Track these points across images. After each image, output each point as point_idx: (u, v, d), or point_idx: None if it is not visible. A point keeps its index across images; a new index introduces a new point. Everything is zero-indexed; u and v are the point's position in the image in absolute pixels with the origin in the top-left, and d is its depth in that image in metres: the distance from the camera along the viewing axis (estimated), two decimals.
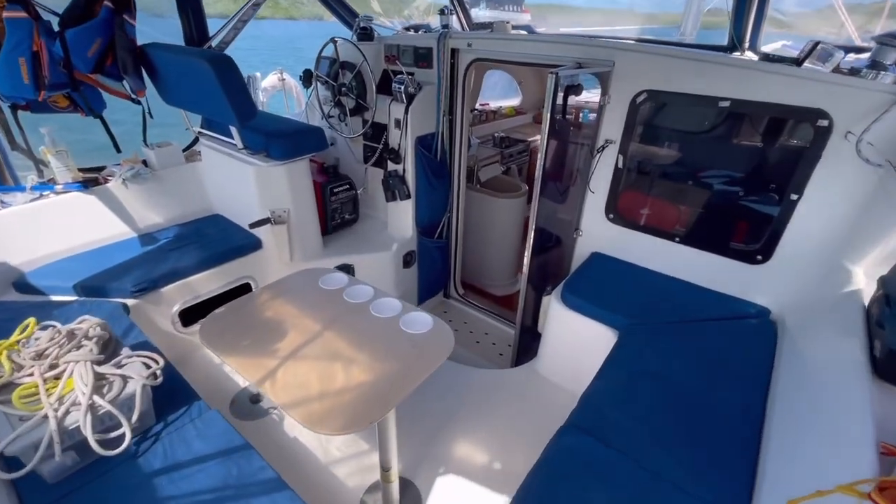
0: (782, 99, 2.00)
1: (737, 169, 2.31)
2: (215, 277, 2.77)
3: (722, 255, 2.38)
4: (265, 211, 2.80)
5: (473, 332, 3.67)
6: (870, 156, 1.79)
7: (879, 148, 1.78)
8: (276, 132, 2.69)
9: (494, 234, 4.21)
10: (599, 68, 2.36)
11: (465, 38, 2.90)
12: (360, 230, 3.50)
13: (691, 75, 2.19)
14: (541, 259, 2.87)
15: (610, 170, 2.59)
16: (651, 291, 2.47)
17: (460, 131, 3.28)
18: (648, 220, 2.61)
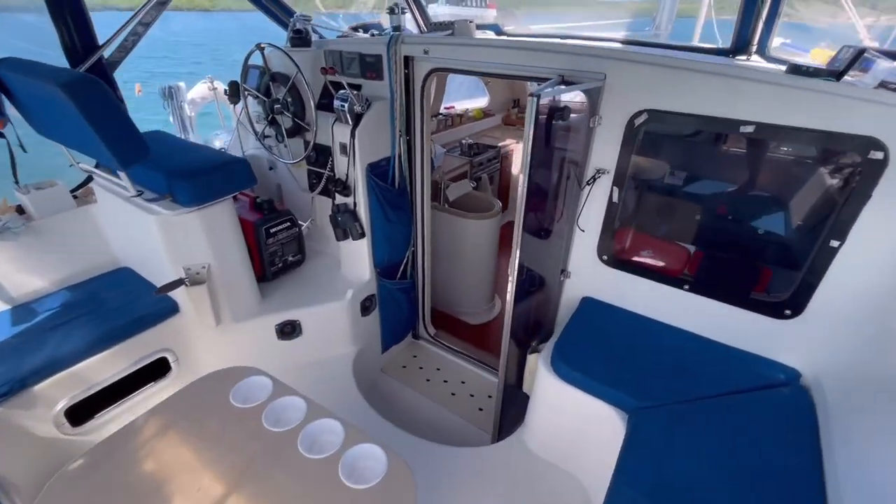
0: (823, 124, 1.58)
1: (760, 207, 1.90)
2: (117, 358, 2.17)
3: (741, 307, 1.97)
4: (177, 268, 2.21)
5: (448, 382, 3.18)
6: None
7: None
8: (182, 170, 2.10)
9: (467, 257, 3.73)
10: (587, 83, 1.88)
11: (421, 44, 2.37)
12: (308, 273, 2.94)
13: (704, 92, 1.74)
14: (522, 306, 2.40)
15: (603, 204, 2.14)
16: (659, 352, 2.04)
17: (421, 153, 2.75)
18: (651, 263, 2.17)
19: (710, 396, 1.82)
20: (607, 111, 1.96)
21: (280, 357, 2.68)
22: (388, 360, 3.32)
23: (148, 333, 2.26)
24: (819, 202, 1.73)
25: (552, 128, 2.05)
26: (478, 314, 4.00)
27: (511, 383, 2.52)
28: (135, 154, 1.80)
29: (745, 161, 1.86)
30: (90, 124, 1.64)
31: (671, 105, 1.81)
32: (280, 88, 2.67)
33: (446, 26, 2.64)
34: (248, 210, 2.69)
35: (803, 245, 1.78)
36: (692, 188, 2.01)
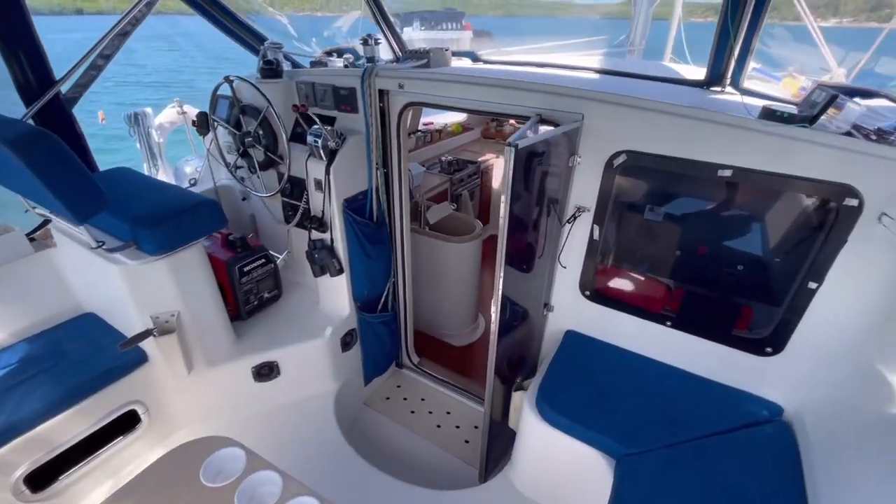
0: (798, 170, 1.59)
1: (740, 248, 1.90)
2: (82, 416, 2.05)
3: (723, 343, 1.98)
4: (144, 317, 2.10)
5: (433, 413, 3.13)
6: None
7: None
8: (147, 216, 1.99)
9: (449, 280, 3.69)
10: (566, 125, 1.86)
11: (396, 77, 2.32)
12: (286, 308, 2.84)
13: (681, 134, 1.74)
14: (506, 340, 2.36)
15: (584, 241, 2.12)
16: (643, 390, 2.03)
17: (399, 185, 2.69)
18: (633, 299, 2.16)
19: (695, 438, 1.81)
20: (586, 150, 1.94)
21: (257, 400, 2.59)
22: (372, 393, 3.25)
23: (115, 386, 2.15)
24: (797, 244, 1.74)
25: (532, 167, 2.02)
26: (462, 336, 3.95)
27: (496, 419, 2.48)
28: (92, 208, 1.70)
29: (724, 201, 1.86)
30: (41, 181, 1.54)
31: (650, 147, 1.80)
32: (251, 121, 2.58)
33: (421, 55, 2.58)
34: (219, 248, 2.59)
35: (782, 285, 1.79)
36: (672, 227, 2.00)
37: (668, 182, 1.94)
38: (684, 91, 2.16)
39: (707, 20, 2.48)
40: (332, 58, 3.17)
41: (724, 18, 1.98)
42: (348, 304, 2.75)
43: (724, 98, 2.06)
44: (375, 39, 2.52)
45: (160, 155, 3.95)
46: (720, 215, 1.90)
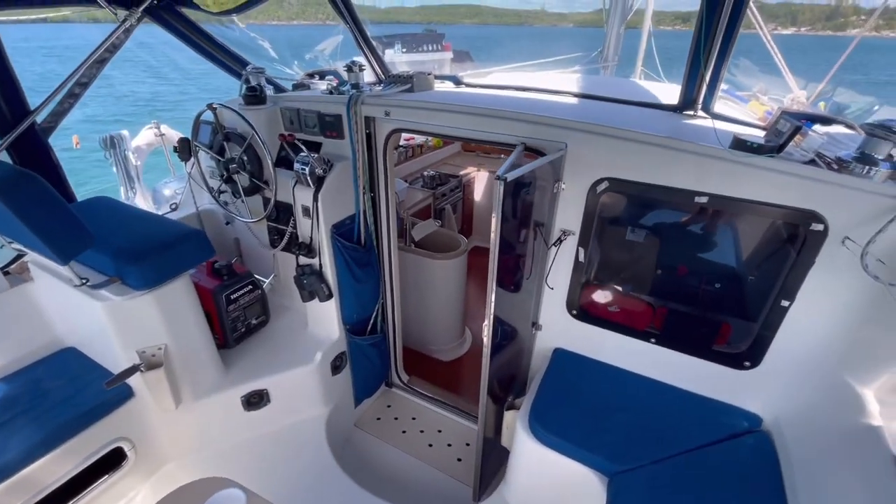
0: (768, 197, 1.69)
1: (718, 268, 2.00)
2: (66, 457, 1.99)
3: (704, 358, 2.07)
4: (129, 353, 2.06)
5: (425, 432, 3.14)
6: (879, 273, 1.51)
7: (890, 266, 1.51)
8: (132, 250, 1.96)
9: (436, 296, 3.72)
10: (551, 154, 1.93)
11: (382, 105, 2.35)
12: (274, 334, 2.82)
13: (659, 163, 1.82)
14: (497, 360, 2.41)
15: (569, 263, 2.19)
16: (632, 406, 2.10)
17: (386, 208, 2.72)
18: (618, 317, 2.24)
19: (683, 452, 1.89)
20: (570, 177, 2.01)
21: (247, 429, 2.55)
22: (362, 414, 3.24)
23: (100, 424, 2.09)
24: (770, 265, 1.84)
25: (519, 194, 2.08)
26: (449, 350, 3.99)
27: (489, 436, 2.51)
28: (77, 247, 1.67)
29: (702, 225, 1.96)
30: (26, 224, 1.51)
31: (630, 174, 1.88)
32: (235, 147, 2.57)
33: (405, 80, 2.63)
34: (205, 276, 2.56)
35: (758, 303, 1.89)
36: (653, 249, 2.09)
37: (648, 207, 2.03)
38: (660, 116, 2.27)
39: (675, 28, 2.59)
40: (315, 80, 3.19)
41: (695, 48, 2.09)
42: (337, 328, 2.75)
43: (697, 124, 2.17)
44: (360, 66, 2.56)
45: (137, 178, 3.87)
46: (699, 238, 2.00)
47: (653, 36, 5.68)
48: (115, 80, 26.82)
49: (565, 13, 63.47)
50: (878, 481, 1.38)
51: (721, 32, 1.96)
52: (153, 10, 2.60)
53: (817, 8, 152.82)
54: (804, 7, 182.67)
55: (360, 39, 3.01)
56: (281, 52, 3.32)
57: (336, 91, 2.57)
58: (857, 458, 1.52)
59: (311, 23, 3.30)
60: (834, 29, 20.10)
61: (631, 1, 5.10)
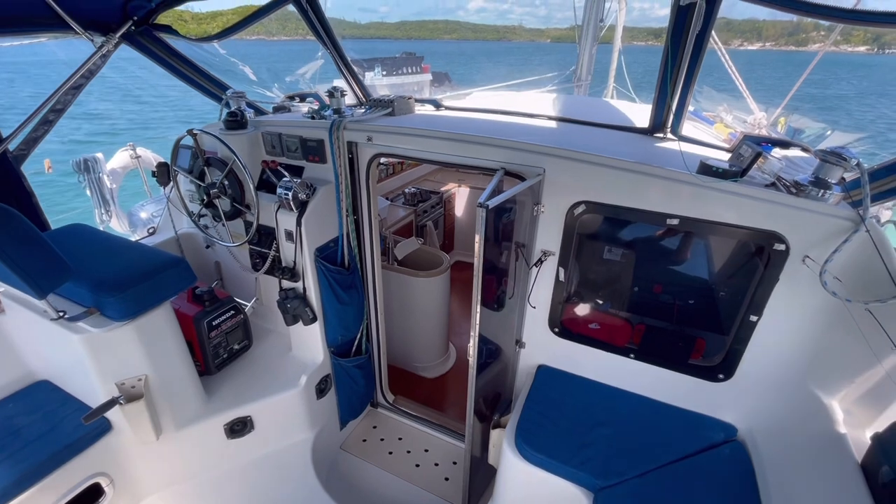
0: (733, 219, 1.79)
1: (690, 286, 2.10)
2: (40, 497, 1.91)
3: (681, 371, 2.15)
4: (108, 384, 2.02)
5: (412, 452, 3.13)
6: (836, 289, 1.62)
7: (846, 283, 1.62)
8: (110, 281, 1.93)
9: (420, 313, 3.74)
10: (531, 179, 2.00)
11: (364, 131, 2.39)
12: (257, 358, 2.79)
13: (631, 187, 1.91)
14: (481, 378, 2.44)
15: (550, 282, 2.25)
16: (614, 420, 2.16)
17: (369, 231, 2.74)
18: (598, 334, 2.31)
19: (664, 465, 1.95)
20: (549, 200, 2.08)
21: (231, 457, 2.51)
22: (348, 436, 3.21)
23: (76, 460, 2.03)
24: (738, 282, 1.94)
25: (500, 217, 2.14)
26: (434, 367, 3.99)
27: (476, 454, 2.53)
28: (55, 281, 1.64)
29: (674, 245, 2.05)
30: (2, 261, 1.48)
31: (605, 198, 1.96)
32: (216, 172, 2.56)
33: (386, 104, 2.68)
34: (185, 302, 2.52)
35: (729, 318, 1.99)
36: (630, 268, 2.18)
37: (624, 228, 2.12)
38: (632, 139, 2.37)
39: (648, 44, 2.72)
40: (295, 102, 3.21)
41: (662, 75, 2.21)
42: (322, 350, 2.74)
43: (666, 147, 2.28)
44: (342, 92, 2.60)
45: (113, 201, 3.79)
46: (672, 256, 2.09)
47: (623, 54, 5.92)
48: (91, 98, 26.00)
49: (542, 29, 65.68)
50: (846, 487, 1.46)
51: (686, 61, 2.08)
52: (131, 35, 2.59)
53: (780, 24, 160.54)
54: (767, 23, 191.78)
55: (340, 63, 3.06)
56: (260, 75, 3.33)
57: (318, 115, 2.60)
58: (824, 464, 1.61)
59: (293, 38, 3.29)
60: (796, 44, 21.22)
61: (602, 22, 5.30)
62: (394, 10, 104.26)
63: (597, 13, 5.17)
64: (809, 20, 1.93)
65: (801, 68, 2.45)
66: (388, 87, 3.19)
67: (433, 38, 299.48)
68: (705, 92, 2.57)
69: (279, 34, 22.91)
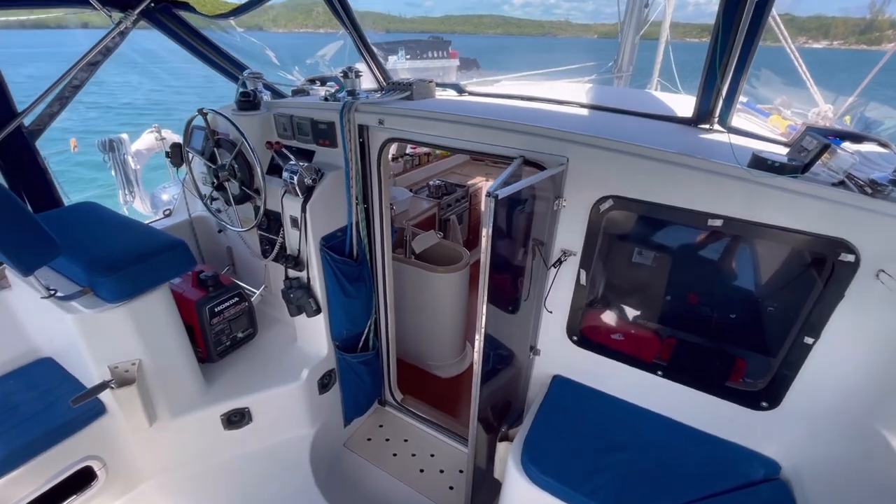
0: (791, 222, 1.51)
1: (733, 298, 1.83)
2: (31, 476, 1.88)
3: (716, 395, 1.88)
4: (101, 367, 1.96)
5: (417, 455, 2.98)
6: None
7: None
8: (106, 262, 1.86)
9: (436, 310, 3.58)
10: (550, 168, 1.78)
11: (376, 113, 2.24)
12: (261, 348, 2.70)
13: (669, 181, 1.66)
14: (491, 385, 2.25)
15: (570, 285, 2.03)
16: (635, 444, 1.92)
17: (380, 220, 2.60)
18: (622, 346, 2.07)
19: (691, 502, 1.70)
20: (571, 194, 1.86)
21: (226, 448, 2.43)
22: (353, 433, 3.10)
23: (69, 442, 1.99)
24: (792, 297, 1.66)
25: (515, 209, 1.94)
26: (448, 367, 3.83)
27: (481, 466, 2.35)
28: (40, 258, 1.58)
29: (717, 250, 1.79)
30: None
31: (637, 193, 1.72)
32: (226, 154, 2.48)
33: (405, 87, 2.52)
34: (190, 286, 2.45)
35: (777, 338, 1.71)
36: (661, 274, 1.92)
37: (657, 229, 1.87)
38: (673, 130, 2.11)
39: (702, 40, 2.43)
40: (315, 86, 3.10)
41: (711, 57, 1.93)
42: (326, 344, 2.63)
43: (712, 138, 2.00)
44: (356, 72, 2.45)
45: (136, 182, 3.83)
46: (712, 263, 1.82)
47: (672, 48, 5.49)
48: None
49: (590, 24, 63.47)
50: None
51: (740, 41, 1.80)
52: (149, 12, 2.54)
53: (850, 21, 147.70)
54: (837, 21, 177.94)
55: (361, 45, 2.92)
56: (283, 59, 3.24)
57: (332, 98, 2.47)
58: None
59: (320, 31, 3.18)
60: (868, 43, 19.13)
61: (647, 10, 4.93)
62: (438, 5, 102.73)
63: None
64: (885, 16, 1.62)
65: (871, 68, 2.10)
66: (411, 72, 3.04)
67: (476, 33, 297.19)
68: (763, 77, 2.25)
69: (306, 26, 22.77)
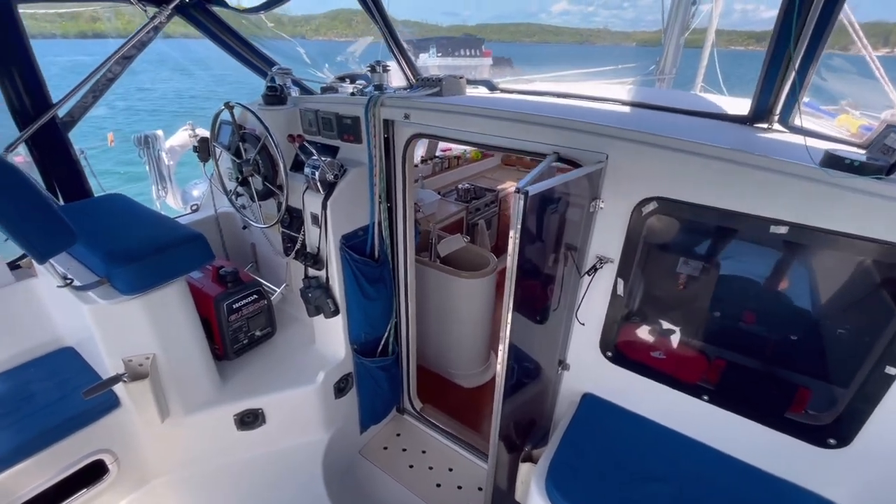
0: (873, 231, 1.30)
1: (795, 317, 1.60)
2: (42, 466, 1.86)
3: (772, 427, 1.65)
4: (115, 360, 1.93)
5: (434, 469, 2.83)
6: None
7: None
8: (123, 252, 1.83)
9: (460, 316, 3.44)
10: (587, 166, 1.62)
11: (402, 108, 2.14)
12: (279, 347, 2.64)
13: (724, 182, 1.47)
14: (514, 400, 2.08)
15: (606, 295, 1.85)
16: (675, 476, 1.71)
17: (403, 221, 2.49)
18: (663, 365, 1.86)
19: None
20: (610, 195, 1.69)
21: (237, 449, 2.37)
22: (369, 441, 2.99)
23: (82, 433, 1.96)
24: (870, 319, 1.43)
25: (547, 210, 1.79)
26: (471, 376, 3.68)
27: (501, 487, 2.18)
28: (55, 245, 1.55)
29: (779, 261, 1.57)
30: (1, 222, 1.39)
31: (686, 194, 1.54)
32: (250, 149, 2.44)
33: (434, 83, 2.41)
34: (210, 282, 2.42)
35: (851, 365, 1.47)
36: (712, 287, 1.71)
37: (708, 236, 1.67)
38: (725, 128, 1.90)
39: (749, 48, 2.20)
40: (345, 84, 3.04)
41: (775, 44, 1.72)
42: (344, 347, 2.53)
43: (773, 137, 1.79)
44: (384, 66, 2.37)
45: (170, 178, 3.89)
46: (771, 277, 1.61)
47: (718, 57, 5.19)
48: None
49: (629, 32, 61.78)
50: None
51: (810, 28, 1.60)
52: (183, 7, 2.55)
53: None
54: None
55: (391, 42, 2.84)
56: (313, 55, 3.22)
57: (359, 93, 2.40)
58: None
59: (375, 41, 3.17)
60: None
61: (695, 7, 4.67)
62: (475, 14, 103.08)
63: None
64: None
65: None
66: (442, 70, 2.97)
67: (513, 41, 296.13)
68: (834, 66, 2.00)
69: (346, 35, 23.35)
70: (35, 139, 2.27)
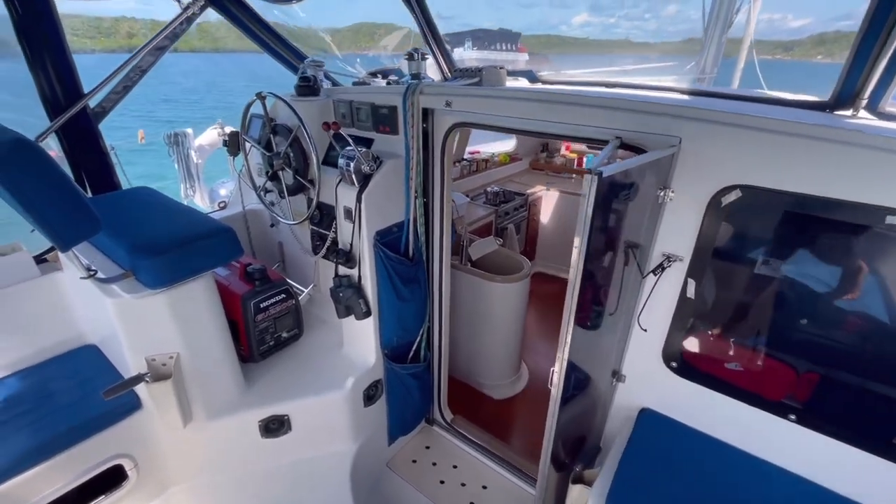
0: None
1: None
2: (58, 471, 1.75)
3: (877, 454, 1.42)
4: (138, 358, 1.81)
5: (467, 485, 2.64)
6: None
7: None
8: (148, 244, 1.73)
9: (491, 323, 3.26)
10: (657, 151, 1.44)
11: (443, 94, 2.00)
12: (306, 350, 2.50)
13: (825, 166, 1.27)
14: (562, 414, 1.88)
15: (673, 298, 1.65)
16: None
17: (440, 218, 2.34)
18: (740, 378, 1.65)
19: None
20: (682, 184, 1.50)
21: (262, 457, 2.23)
22: (397, 453, 2.81)
23: (101, 436, 1.85)
24: None
25: (608, 201, 1.61)
26: (502, 387, 3.48)
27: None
28: (78, 233, 1.44)
29: (886, 261, 1.36)
30: (18, 202, 1.29)
31: (778, 182, 1.34)
32: (282, 141, 2.34)
33: (473, 73, 2.27)
34: (237, 279, 2.30)
35: None
36: (803, 290, 1.50)
37: (801, 229, 1.46)
38: (806, 115, 1.70)
39: (775, 58, 2.01)
40: (377, 79, 2.94)
41: (865, 33, 1.53)
42: (375, 353, 2.38)
43: (864, 123, 1.58)
44: (422, 54, 2.24)
45: (198, 176, 3.86)
46: (878, 277, 1.39)
47: (754, 56, 4.95)
48: None
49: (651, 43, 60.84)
50: None
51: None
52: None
53: None
54: None
55: (429, 34, 2.74)
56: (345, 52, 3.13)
57: (395, 83, 2.28)
58: None
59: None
60: None
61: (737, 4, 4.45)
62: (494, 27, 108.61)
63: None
64: None
65: None
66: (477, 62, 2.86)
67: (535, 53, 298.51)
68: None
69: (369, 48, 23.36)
70: (65, 129, 2.21)
